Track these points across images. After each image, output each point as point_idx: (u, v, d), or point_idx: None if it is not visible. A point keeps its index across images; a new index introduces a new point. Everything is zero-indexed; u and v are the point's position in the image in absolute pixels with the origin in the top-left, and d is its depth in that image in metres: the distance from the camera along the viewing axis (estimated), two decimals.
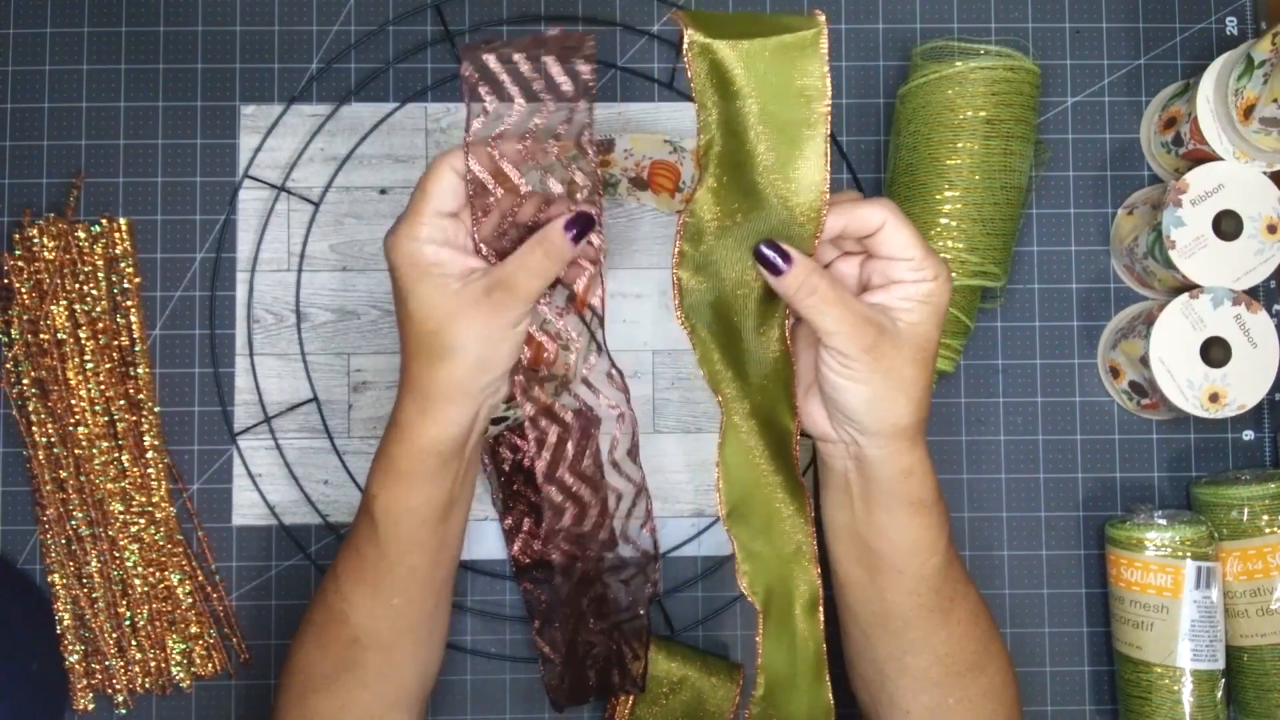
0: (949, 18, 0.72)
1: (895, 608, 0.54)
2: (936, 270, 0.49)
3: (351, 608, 0.54)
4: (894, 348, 0.49)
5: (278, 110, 0.70)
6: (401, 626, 0.55)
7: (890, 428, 0.51)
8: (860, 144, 0.71)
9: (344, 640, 0.55)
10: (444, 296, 0.49)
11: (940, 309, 0.50)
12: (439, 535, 0.54)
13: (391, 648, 0.55)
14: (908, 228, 0.49)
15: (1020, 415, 0.70)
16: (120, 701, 0.67)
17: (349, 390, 0.70)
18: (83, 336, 0.68)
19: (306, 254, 0.70)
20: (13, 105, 0.70)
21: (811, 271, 0.48)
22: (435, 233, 0.49)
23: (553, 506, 0.58)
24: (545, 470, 0.58)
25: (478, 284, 0.49)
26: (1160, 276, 0.67)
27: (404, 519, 0.52)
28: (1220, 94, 0.64)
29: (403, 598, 0.54)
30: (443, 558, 0.55)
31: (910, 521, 0.53)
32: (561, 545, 0.60)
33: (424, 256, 0.49)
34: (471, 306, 0.49)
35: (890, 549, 0.53)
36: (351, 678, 0.55)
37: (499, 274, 0.49)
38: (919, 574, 0.53)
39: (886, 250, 0.49)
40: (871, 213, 0.49)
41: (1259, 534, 0.65)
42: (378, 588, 0.54)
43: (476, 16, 0.71)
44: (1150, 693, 0.64)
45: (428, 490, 0.52)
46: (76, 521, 0.67)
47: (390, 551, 0.53)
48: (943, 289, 0.50)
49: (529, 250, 0.49)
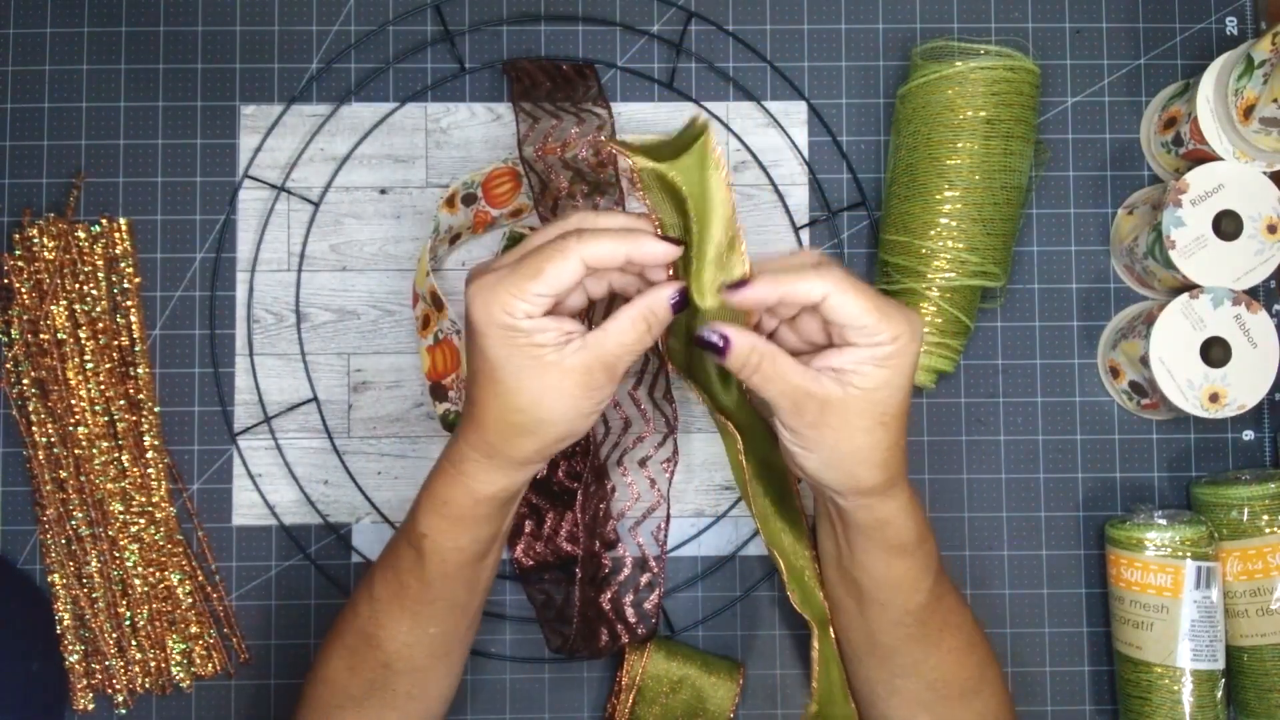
0: (949, 18, 0.72)
1: (881, 635, 0.55)
2: (896, 331, 0.46)
3: (387, 635, 0.54)
4: (841, 419, 0.47)
5: (278, 110, 0.70)
6: (437, 653, 0.55)
7: (852, 489, 0.49)
8: (860, 144, 0.71)
9: (375, 664, 0.54)
10: (540, 372, 0.45)
11: (905, 368, 0.47)
12: (482, 569, 0.54)
13: (423, 672, 0.55)
14: (855, 294, 0.45)
15: (1020, 415, 0.70)
16: (120, 701, 0.67)
17: (349, 390, 0.70)
18: (83, 336, 0.68)
19: (306, 254, 0.70)
20: (13, 105, 0.70)
21: (751, 349, 0.46)
22: (536, 309, 0.45)
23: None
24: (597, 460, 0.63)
25: (577, 358, 0.45)
26: (1160, 276, 0.67)
27: (452, 557, 0.52)
28: (1220, 94, 0.64)
29: (440, 627, 0.54)
30: (480, 588, 0.55)
31: (890, 563, 0.52)
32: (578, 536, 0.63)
33: (519, 327, 0.45)
34: (569, 383, 0.46)
35: (872, 585, 0.53)
36: (379, 700, 0.55)
37: (600, 353, 0.46)
38: (903, 608, 0.54)
39: (836, 318, 0.46)
40: (809, 286, 0.45)
41: (1259, 534, 0.65)
42: (418, 617, 0.53)
43: (476, 16, 0.71)
44: (1150, 693, 0.64)
45: (479, 531, 0.51)
46: (76, 521, 0.67)
47: (435, 586, 0.52)
48: (904, 349, 0.46)
49: (632, 325, 0.46)
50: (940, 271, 0.64)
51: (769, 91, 0.71)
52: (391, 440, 0.69)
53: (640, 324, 0.46)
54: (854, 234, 0.71)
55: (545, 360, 0.45)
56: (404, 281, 0.70)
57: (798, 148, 0.71)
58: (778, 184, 0.71)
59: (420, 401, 0.69)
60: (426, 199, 0.70)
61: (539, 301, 0.45)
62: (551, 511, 0.67)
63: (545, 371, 0.45)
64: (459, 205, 0.67)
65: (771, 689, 0.69)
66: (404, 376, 0.69)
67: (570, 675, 0.69)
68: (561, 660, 0.69)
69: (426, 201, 0.70)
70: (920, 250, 0.65)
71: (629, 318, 0.46)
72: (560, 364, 0.45)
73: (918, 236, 0.65)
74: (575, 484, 0.67)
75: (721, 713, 0.66)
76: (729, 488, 0.69)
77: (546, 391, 0.46)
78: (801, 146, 0.71)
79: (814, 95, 0.71)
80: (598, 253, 0.44)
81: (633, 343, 0.46)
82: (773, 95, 0.71)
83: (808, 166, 0.71)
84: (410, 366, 0.69)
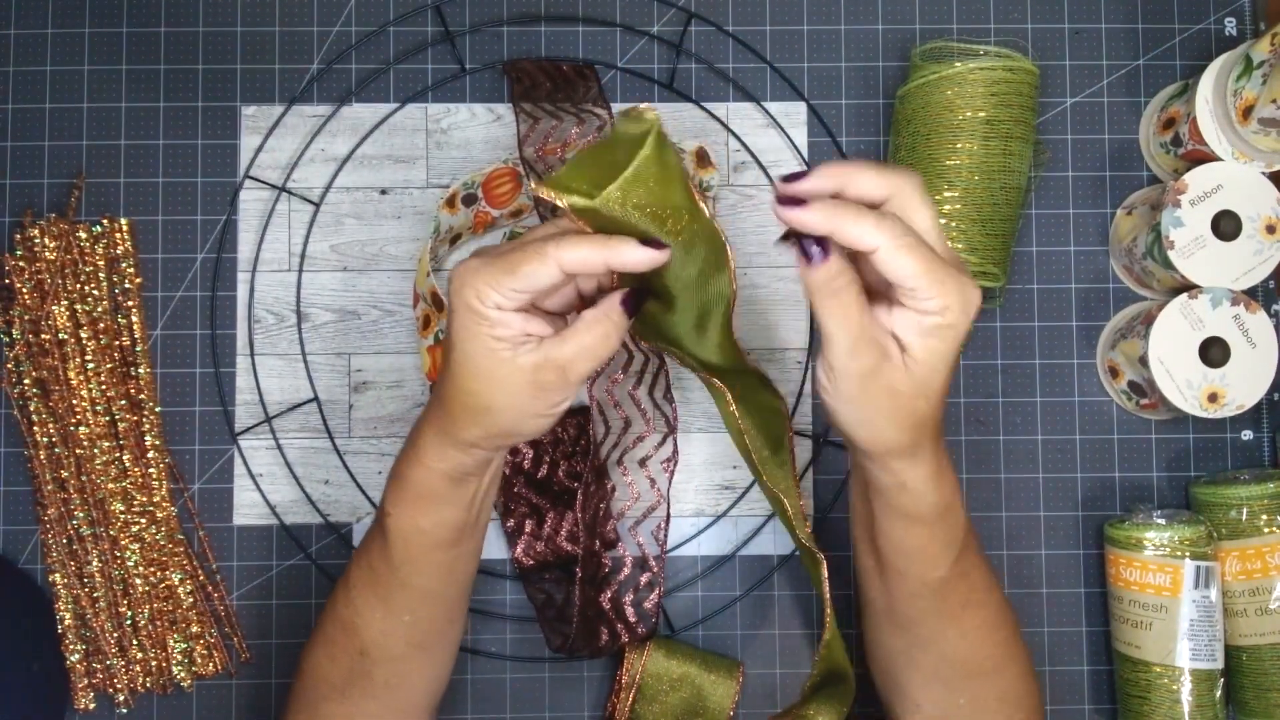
0: (948, 18, 0.72)
1: (899, 605, 0.54)
2: (946, 300, 0.42)
3: (362, 620, 0.54)
4: (887, 381, 0.45)
5: (278, 111, 0.70)
6: (412, 642, 0.55)
7: (880, 447, 0.47)
8: (860, 144, 0.71)
9: (353, 651, 0.55)
10: (490, 362, 0.45)
11: (952, 344, 0.44)
12: (451, 557, 0.53)
13: (400, 660, 0.55)
14: (908, 252, 0.42)
15: (1019, 415, 0.71)
16: (121, 701, 0.67)
17: (349, 390, 0.70)
18: (84, 337, 0.68)
19: (307, 254, 0.70)
20: (14, 106, 0.70)
21: (841, 272, 0.43)
22: (508, 304, 0.45)
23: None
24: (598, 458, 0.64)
25: (528, 358, 0.45)
26: (1159, 277, 0.67)
27: (415, 539, 0.52)
28: (1219, 94, 0.64)
29: (413, 615, 0.54)
30: (455, 579, 0.55)
31: (907, 532, 0.51)
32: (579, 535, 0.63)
33: (485, 315, 0.45)
34: (518, 380, 0.45)
35: (891, 551, 0.52)
36: (359, 689, 0.55)
37: (554, 354, 0.45)
38: (920, 579, 0.52)
39: (887, 273, 0.43)
40: (862, 232, 0.42)
41: (1258, 534, 0.65)
42: (389, 603, 0.53)
43: (477, 17, 0.71)
44: (1149, 692, 0.64)
45: (440, 513, 0.51)
46: (78, 521, 0.67)
47: (402, 570, 0.53)
48: (955, 321, 0.43)
49: (587, 328, 0.45)
50: None
51: (769, 92, 0.71)
52: (392, 440, 0.69)
53: (596, 328, 0.45)
54: None
55: (499, 354, 0.45)
56: (405, 282, 0.70)
57: (797, 148, 0.71)
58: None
59: (421, 402, 0.69)
60: (427, 199, 0.70)
61: (512, 296, 0.44)
62: (551, 511, 0.67)
63: (498, 364, 0.45)
64: (459, 206, 0.67)
65: (771, 688, 0.69)
66: (404, 377, 0.70)
67: (570, 674, 0.69)
68: (562, 659, 0.69)
69: (427, 202, 0.70)
70: None
71: (585, 323, 0.46)
72: (513, 360, 0.45)
73: None
74: (575, 484, 0.67)
75: (721, 711, 0.66)
76: (729, 487, 0.70)
77: (495, 382, 0.46)
78: (801, 147, 0.71)
79: (814, 96, 0.71)
80: (576, 257, 0.44)
81: (592, 345, 0.46)
82: (772, 96, 0.71)
83: (807, 167, 0.71)
84: (411, 367, 0.70)
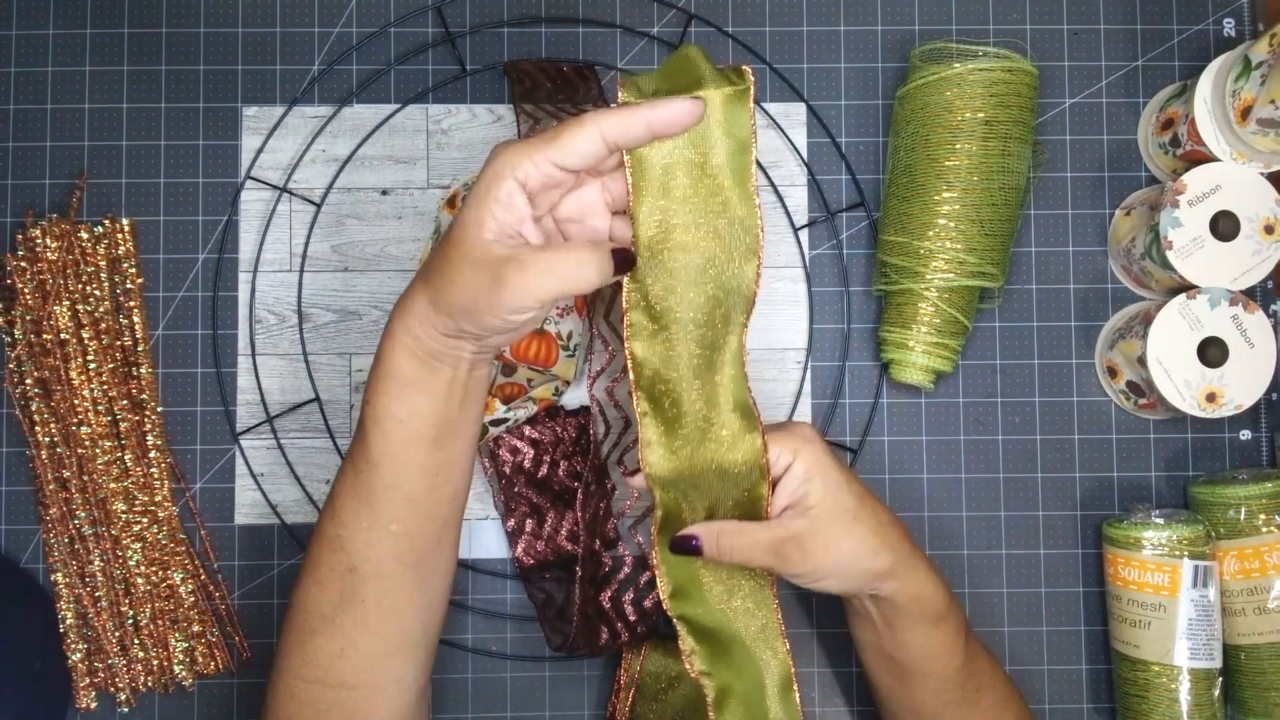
0: (947, 19, 0.72)
1: (925, 705, 0.59)
2: (792, 446, 0.53)
3: (348, 532, 0.53)
4: (821, 540, 0.53)
5: (279, 112, 0.71)
6: (402, 557, 0.53)
7: (872, 578, 0.55)
8: (859, 145, 0.71)
9: (342, 569, 0.53)
10: (474, 233, 0.46)
11: (825, 467, 0.54)
12: (435, 460, 0.52)
13: (391, 579, 0.53)
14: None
15: (1018, 415, 0.71)
16: (123, 700, 0.67)
17: (351, 390, 0.70)
18: (85, 337, 0.68)
19: (308, 255, 0.70)
20: (15, 106, 0.70)
21: (719, 536, 0.53)
22: (536, 180, 0.46)
23: None
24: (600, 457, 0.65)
25: (502, 250, 0.46)
26: (1158, 277, 0.67)
27: (393, 431, 0.51)
28: (1218, 95, 0.64)
29: (400, 524, 0.52)
30: (441, 488, 0.53)
31: (929, 633, 0.57)
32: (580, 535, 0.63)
33: (503, 181, 0.45)
34: (484, 266, 0.46)
35: (914, 658, 0.57)
36: (351, 616, 0.53)
37: (526, 257, 0.46)
38: (943, 674, 0.58)
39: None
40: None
41: (1256, 533, 0.65)
42: (374, 510, 0.52)
43: (477, 18, 0.71)
44: (1147, 691, 0.65)
45: (415, 401, 0.51)
46: (79, 521, 0.67)
47: (383, 467, 0.52)
48: (809, 453, 0.54)
49: (568, 250, 0.47)
50: (939, 272, 0.65)
51: (768, 93, 0.72)
52: None
53: (574, 253, 0.46)
54: (853, 235, 0.71)
55: (484, 230, 0.46)
56: (405, 282, 0.70)
57: (797, 149, 0.71)
58: (777, 185, 0.71)
59: None
60: (428, 200, 0.70)
61: (546, 168, 0.45)
62: (551, 511, 0.67)
63: (477, 240, 0.46)
64: (460, 206, 0.67)
65: None
66: None
67: (571, 673, 0.69)
68: (562, 659, 0.69)
69: (428, 202, 0.70)
70: (919, 251, 0.65)
71: (567, 246, 0.47)
72: (489, 244, 0.46)
73: (916, 237, 0.65)
74: (575, 483, 0.67)
75: None
76: None
77: (467, 258, 0.46)
78: (801, 147, 0.71)
79: (813, 96, 0.72)
80: (616, 124, 0.45)
81: (562, 268, 0.46)
82: (772, 97, 0.72)
83: (807, 167, 0.71)
84: None
